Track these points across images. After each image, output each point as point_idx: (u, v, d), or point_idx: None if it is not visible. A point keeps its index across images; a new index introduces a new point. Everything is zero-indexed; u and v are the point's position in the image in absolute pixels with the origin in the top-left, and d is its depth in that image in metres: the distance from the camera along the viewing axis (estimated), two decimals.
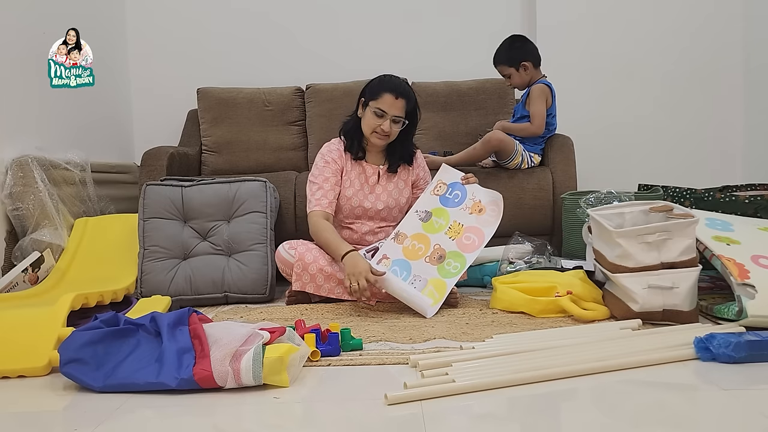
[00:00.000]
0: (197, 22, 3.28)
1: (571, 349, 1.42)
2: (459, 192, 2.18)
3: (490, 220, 2.10)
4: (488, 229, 2.09)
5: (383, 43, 3.26)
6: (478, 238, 2.08)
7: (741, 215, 2.07)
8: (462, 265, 2.02)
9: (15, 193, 2.16)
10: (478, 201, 2.14)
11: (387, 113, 2.09)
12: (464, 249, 2.06)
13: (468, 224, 2.11)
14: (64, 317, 1.56)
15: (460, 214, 2.14)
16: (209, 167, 2.94)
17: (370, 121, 2.12)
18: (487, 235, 2.08)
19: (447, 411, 1.15)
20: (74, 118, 2.72)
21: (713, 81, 3.17)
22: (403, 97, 2.10)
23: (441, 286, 1.96)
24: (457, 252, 2.06)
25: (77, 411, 1.23)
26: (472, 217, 2.12)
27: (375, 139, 2.14)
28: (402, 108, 2.10)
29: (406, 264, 2.04)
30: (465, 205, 2.15)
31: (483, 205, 2.13)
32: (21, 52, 2.33)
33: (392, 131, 2.13)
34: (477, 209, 2.13)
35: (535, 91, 2.54)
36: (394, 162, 2.24)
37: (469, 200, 2.16)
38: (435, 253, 2.06)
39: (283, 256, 2.08)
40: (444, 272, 2.01)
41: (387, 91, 2.09)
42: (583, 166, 2.67)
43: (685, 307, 1.63)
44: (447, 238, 2.09)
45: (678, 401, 1.21)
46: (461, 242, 2.08)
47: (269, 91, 3.03)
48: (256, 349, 1.26)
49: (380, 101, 2.09)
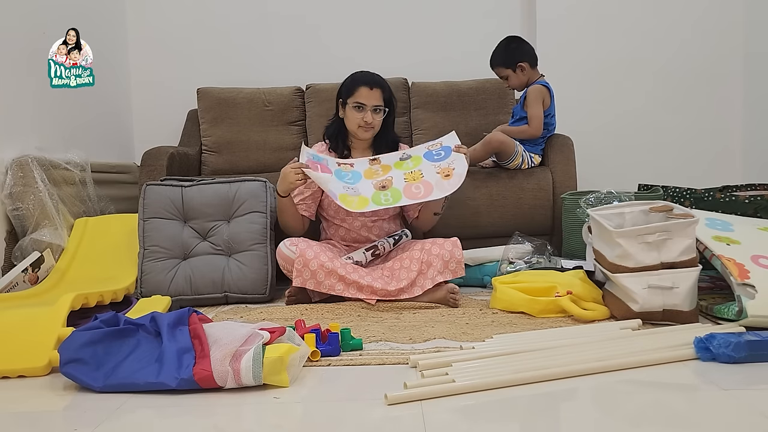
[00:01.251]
0: (197, 22, 3.28)
1: (571, 349, 1.42)
2: (444, 152, 2.20)
3: (445, 188, 2.09)
4: (437, 192, 2.08)
5: (383, 43, 3.26)
6: (425, 192, 2.08)
7: (741, 215, 2.07)
8: (394, 201, 2.06)
9: (15, 193, 2.16)
10: (452, 168, 2.12)
11: (366, 105, 2.20)
12: (406, 192, 2.09)
13: (427, 178, 2.11)
14: (64, 317, 1.55)
15: (429, 167, 2.15)
16: (209, 167, 2.94)
17: (352, 116, 2.22)
18: (433, 195, 2.07)
19: (447, 411, 1.15)
20: (74, 118, 2.71)
21: (714, 81, 3.18)
22: (377, 86, 2.21)
23: (363, 203, 2.03)
24: (398, 191, 2.09)
25: (77, 411, 1.23)
26: (435, 176, 2.12)
27: (362, 132, 2.23)
28: (379, 97, 2.21)
29: (358, 176, 2.13)
30: (438, 165, 2.15)
31: (453, 173, 2.11)
32: (21, 52, 2.33)
33: (375, 121, 2.22)
34: (444, 173, 2.12)
35: (531, 93, 2.53)
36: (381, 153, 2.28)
37: (446, 163, 2.15)
38: (383, 182, 2.12)
39: (285, 253, 2.08)
40: (376, 197, 2.06)
41: (361, 84, 2.21)
42: (583, 166, 2.67)
43: (685, 307, 1.63)
44: (402, 178, 2.13)
45: (678, 401, 1.21)
46: (409, 187, 2.10)
47: (269, 91, 3.03)
48: (256, 349, 1.26)
49: (357, 95, 2.20)
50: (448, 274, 2.03)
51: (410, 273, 2.02)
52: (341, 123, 2.28)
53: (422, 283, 2.01)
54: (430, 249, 2.06)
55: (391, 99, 2.28)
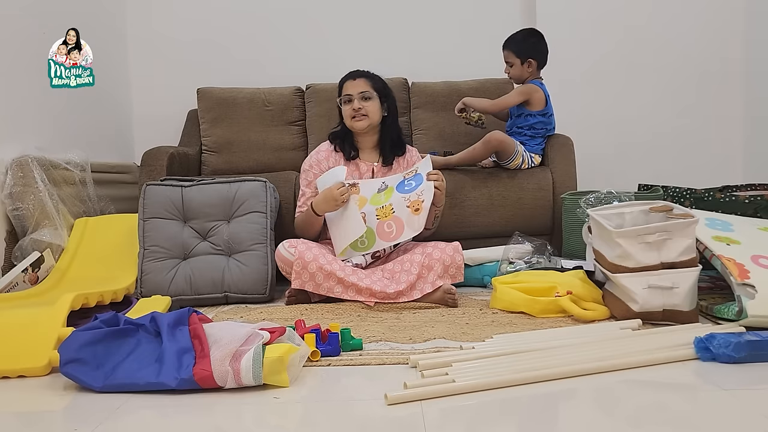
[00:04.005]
0: (197, 22, 3.28)
1: (571, 349, 1.41)
2: (414, 182, 2.13)
3: (414, 225, 2.05)
4: (408, 231, 2.06)
5: (383, 43, 3.26)
6: (396, 233, 2.07)
7: (741, 215, 2.07)
8: (369, 245, 2.09)
9: (15, 193, 2.16)
10: (422, 201, 2.05)
11: (353, 94, 2.25)
12: (380, 234, 2.09)
13: (398, 213, 2.09)
14: (64, 317, 1.55)
15: (399, 201, 2.11)
16: (209, 167, 2.94)
17: (344, 111, 2.27)
18: (404, 236, 2.06)
19: (447, 411, 1.15)
20: (74, 118, 2.71)
21: (714, 81, 3.17)
22: (359, 76, 2.28)
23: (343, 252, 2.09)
24: (372, 232, 2.10)
25: (77, 411, 1.23)
26: (406, 211, 2.07)
27: (355, 123, 2.25)
28: (364, 84, 2.26)
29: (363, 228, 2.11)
30: (408, 197, 2.09)
31: (422, 206, 2.05)
32: (21, 52, 2.33)
33: (366, 108, 2.23)
34: (415, 207, 2.06)
35: (521, 86, 2.60)
36: (388, 154, 2.30)
37: (415, 194, 2.08)
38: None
39: (283, 255, 2.08)
40: (353, 243, 2.09)
41: (345, 80, 2.31)
42: (583, 166, 2.67)
43: (685, 307, 1.63)
44: (374, 215, 2.12)
45: (678, 401, 1.21)
46: (381, 226, 2.10)
47: (269, 91, 3.03)
48: (256, 349, 1.26)
49: (343, 90, 2.29)
50: (447, 278, 2.03)
51: (410, 276, 2.01)
52: (345, 126, 2.32)
53: (422, 286, 2.01)
54: (432, 253, 2.06)
55: (386, 90, 2.30)
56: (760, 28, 3.07)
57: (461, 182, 2.50)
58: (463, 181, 2.50)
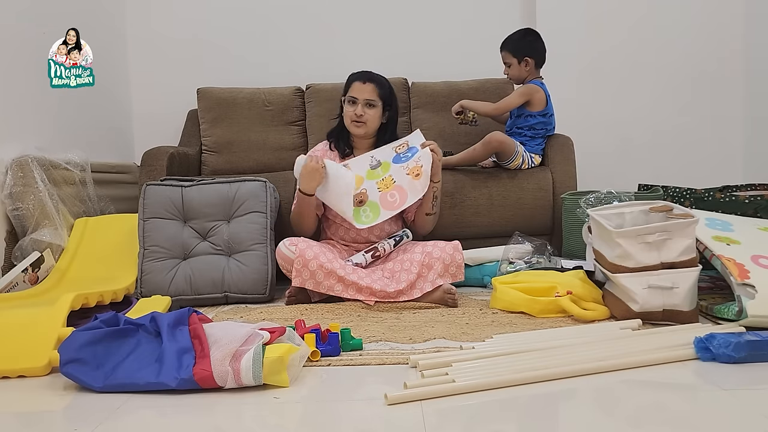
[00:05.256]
0: (197, 22, 3.28)
1: (571, 349, 1.41)
2: (410, 153, 2.20)
3: (417, 189, 2.11)
4: (411, 197, 2.11)
5: (383, 43, 3.26)
6: (400, 200, 2.11)
7: (741, 215, 2.07)
8: (374, 217, 2.11)
9: (15, 193, 2.16)
10: (421, 165, 2.13)
11: (358, 98, 2.22)
12: (384, 204, 2.12)
13: (399, 182, 2.13)
14: (64, 317, 1.55)
15: (398, 170, 2.16)
16: (209, 167, 2.94)
17: (346, 111, 2.26)
18: (409, 201, 2.10)
19: (447, 411, 1.15)
20: (74, 118, 2.71)
21: (714, 80, 3.18)
22: (370, 81, 2.25)
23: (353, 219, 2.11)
24: (376, 204, 2.12)
25: (77, 411, 1.23)
26: (406, 178, 2.13)
27: (354, 128, 2.25)
28: (372, 91, 2.23)
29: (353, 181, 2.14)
30: (407, 165, 2.16)
31: (422, 171, 2.12)
32: (21, 52, 2.33)
33: (367, 116, 2.23)
34: (415, 173, 2.12)
35: (521, 87, 2.60)
36: None
37: (413, 161, 2.15)
38: (359, 196, 2.14)
39: (284, 253, 2.08)
40: (356, 215, 2.11)
41: (355, 79, 2.27)
42: (583, 166, 2.67)
43: (685, 307, 1.63)
44: (375, 188, 2.15)
45: (678, 401, 1.21)
46: (384, 197, 2.13)
47: (269, 91, 3.03)
48: (256, 349, 1.26)
49: (351, 90, 2.25)
50: (447, 277, 2.03)
51: (410, 275, 2.01)
52: (342, 122, 2.32)
53: (422, 285, 2.01)
54: (431, 252, 2.06)
55: (391, 98, 2.29)
56: (759, 28, 3.07)
57: (461, 182, 2.50)
58: (463, 181, 2.50)
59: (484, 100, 2.94)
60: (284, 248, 2.09)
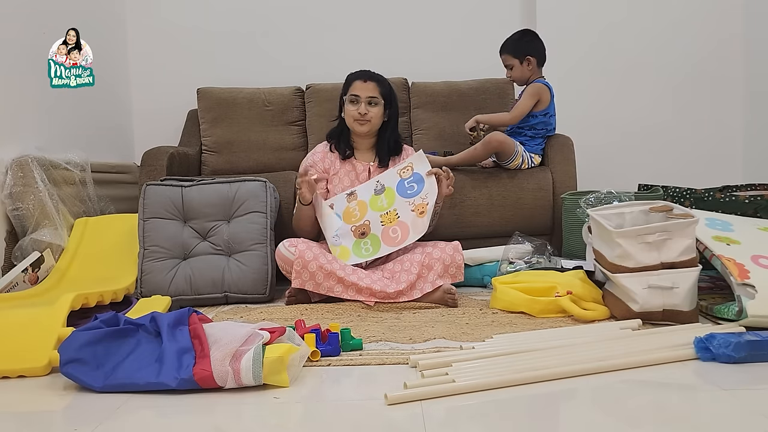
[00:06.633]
0: (197, 22, 3.28)
1: (571, 349, 1.41)
2: (416, 185, 2.17)
3: (419, 228, 2.09)
4: (412, 235, 2.09)
5: (383, 43, 3.26)
6: (402, 236, 2.10)
7: (741, 215, 2.07)
8: (374, 251, 2.09)
9: (15, 193, 2.16)
10: (426, 203, 2.12)
11: (360, 96, 2.23)
12: (385, 239, 2.11)
13: (403, 218, 2.12)
14: (64, 317, 1.55)
15: (403, 205, 2.15)
16: (209, 167, 2.94)
17: (348, 110, 2.25)
18: (410, 239, 2.09)
19: (447, 411, 1.15)
20: (74, 118, 2.71)
21: (714, 81, 3.18)
22: (371, 79, 2.26)
23: (345, 254, 2.09)
24: (377, 238, 2.11)
25: (77, 411, 1.23)
26: (411, 215, 2.12)
27: (357, 126, 2.24)
28: (374, 89, 2.23)
29: (339, 219, 2.16)
30: (412, 201, 2.14)
31: (427, 209, 2.10)
32: (21, 52, 2.33)
33: (371, 114, 2.23)
34: (420, 210, 2.11)
35: (530, 88, 2.57)
36: (384, 156, 2.30)
37: (419, 198, 2.14)
38: (361, 227, 2.13)
39: (283, 254, 2.08)
40: (357, 248, 2.10)
41: (355, 78, 2.27)
42: (583, 166, 2.67)
43: (685, 307, 1.63)
44: (378, 222, 2.14)
45: (678, 401, 1.21)
46: (386, 232, 2.12)
47: (269, 91, 3.03)
48: (256, 349, 1.26)
49: (352, 89, 2.25)
50: (447, 278, 2.04)
51: (410, 275, 2.01)
52: (342, 123, 2.31)
53: (422, 286, 2.01)
54: (432, 252, 2.06)
55: (391, 96, 2.29)
56: (759, 28, 3.07)
57: (461, 182, 2.50)
58: (463, 181, 2.50)
59: (484, 99, 2.96)
60: (284, 249, 2.09)
